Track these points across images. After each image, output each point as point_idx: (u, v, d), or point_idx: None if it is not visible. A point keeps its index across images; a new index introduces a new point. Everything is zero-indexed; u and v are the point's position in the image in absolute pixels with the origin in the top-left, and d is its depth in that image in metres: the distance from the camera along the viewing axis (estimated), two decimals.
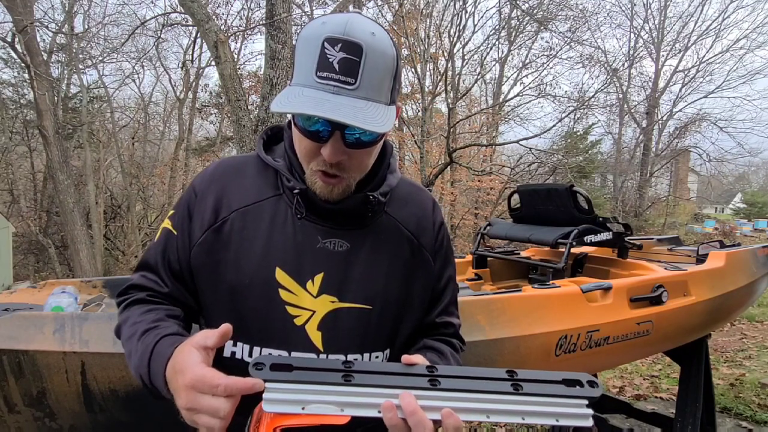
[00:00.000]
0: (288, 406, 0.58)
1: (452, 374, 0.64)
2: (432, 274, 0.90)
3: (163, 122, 18.22)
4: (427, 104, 11.85)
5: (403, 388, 0.61)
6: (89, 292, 2.11)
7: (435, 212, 0.93)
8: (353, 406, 0.59)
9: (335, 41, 0.67)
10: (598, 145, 20.06)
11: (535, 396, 0.62)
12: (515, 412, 0.61)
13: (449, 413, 0.60)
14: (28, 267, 13.55)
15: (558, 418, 0.61)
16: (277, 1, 4.37)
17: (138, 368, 0.72)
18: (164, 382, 0.67)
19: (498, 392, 0.62)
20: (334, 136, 0.71)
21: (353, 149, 0.73)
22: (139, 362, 0.72)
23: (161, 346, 0.70)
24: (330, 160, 0.72)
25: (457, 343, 0.93)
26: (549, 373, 0.65)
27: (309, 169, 0.76)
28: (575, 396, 0.63)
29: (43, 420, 1.38)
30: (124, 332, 0.79)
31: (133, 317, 0.79)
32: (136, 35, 11.50)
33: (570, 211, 2.65)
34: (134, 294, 0.84)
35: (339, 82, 0.67)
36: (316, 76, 0.68)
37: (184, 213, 0.84)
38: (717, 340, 5.95)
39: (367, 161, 0.78)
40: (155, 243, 0.85)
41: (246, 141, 4.55)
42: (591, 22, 14.99)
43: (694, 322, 2.32)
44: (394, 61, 0.72)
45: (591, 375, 0.66)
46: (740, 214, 28.30)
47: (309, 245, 0.79)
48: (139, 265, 0.87)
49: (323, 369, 0.62)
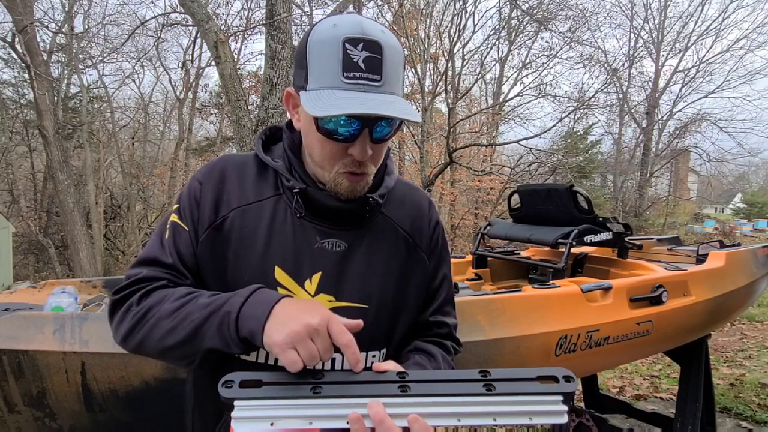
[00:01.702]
0: (257, 423, 0.58)
1: (423, 379, 0.64)
2: (427, 273, 0.90)
3: (163, 122, 18.25)
4: (427, 104, 11.85)
5: (373, 397, 0.60)
6: (89, 292, 2.11)
7: (431, 212, 0.94)
8: (322, 419, 0.59)
9: (356, 41, 0.68)
10: (598, 145, 20.09)
11: (508, 395, 0.62)
12: (487, 413, 0.61)
13: (415, 419, 0.60)
14: (28, 267, 13.56)
15: (531, 416, 0.61)
16: (277, 1, 4.37)
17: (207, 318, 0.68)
18: (264, 321, 0.65)
19: (470, 394, 0.62)
20: (362, 135, 0.72)
21: (377, 144, 0.75)
22: (211, 311, 0.69)
23: (267, 292, 0.70)
24: (361, 158, 0.74)
25: (450, 345, 0.93)
26: (523, 370, 0.64)
27: (334, 172, 0.76)
28: (549, 393, 0.62)
29: (43, 420, 1.38)
30: (168, 306, 0.72)
31: (179, 292, 0.74)
32: (136, 35, 11.52)
33: (570, 211, 2.65)
34: (150, 283, 0.77)
35: (367, 80, 0.69)
36: (343, 77, 0.69)
37: (192, 206, 0.82)
38: (717, 340, 5.94)
39: (383, 155, 0.81)
40: (165, 239, 0.80)
41: (246, 141, 4.55)
42: (591, 22, 15.02)
43: (694, 322, 2.32)
44: (402, 53, 0.76)
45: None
46: (740, 214, 28.29)
47: (307, 245, 0.80)
48: (142, 261, 0.80)
49: (292, 383, 0.62)
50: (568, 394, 0.62)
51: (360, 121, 0.71)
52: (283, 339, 0.61)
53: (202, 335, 0.69)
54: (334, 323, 0.63)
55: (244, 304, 0.68)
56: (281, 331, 0.62)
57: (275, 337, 0.62)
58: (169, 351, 0.72)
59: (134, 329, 0.73)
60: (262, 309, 0.66)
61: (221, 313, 0.68)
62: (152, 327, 0.72)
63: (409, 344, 0.90)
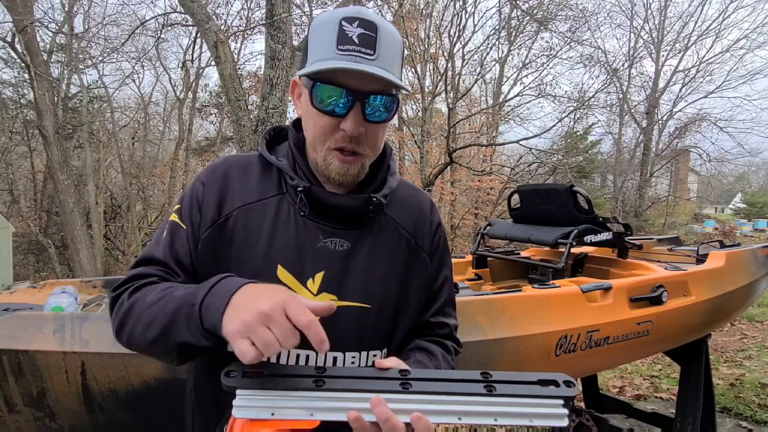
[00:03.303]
0: (258, 412, 0.59)
1: (425, 377, 0.64)
2: (428, 274, 0.91)
3: (163, 122, 18.25)
4: (427, 104, 11.86)
5: (375, 392, 0.61)
6: (89, 292, 2.11)
7: (432, 213, 0.94)
8: (323, 411, 0.60)
9: (352, 19, 0.72)
10: (598, 145, 20.10)
11: (509, 397, 0.62)
12: (488, 413, 0.61)
13: (419, 417, 0.59)
14: (28, 267, 13.56)
15: (532, 418, 0.61)
16: (277, 1, 4.37)
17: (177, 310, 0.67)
18: (223, 311, 0.62)
19: (471, 394, 0.62)
20: (354, 108, 0.74)
21: (370, 123, 0.76)
22: (180, 303, 0.67)
23: (230, 281, 0.67)
24: (351, 132, 0.74)
25: (451, 345, 0.93)
26: (524, 374, 0.65)
27: (325, 148, 0.78)
28: (550, 396, 0.62)
29: (43, 420, 1.38)
30: (149, 298, 0.72)
31: (162, 286, 0.74)
32: (136, 35, 11.53)
33: (570, 211, 2.65)
34: (144, 279, 0.78)
35: (360, 53, 0.72)
36: (337, 50, 0.71)
37: (193, 206, 0.82)
38: (717, 340, 5.94)
39: (381, 139, 0.81)
40: (162, 237, 0.82)
41: (246, 141, 4.55)
42: (591, 22, 15.02)
43: (694, 322, 2.32)
44: (402, 45, 0.78)
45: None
46: (740, 214, 28.29)
47: (310, 244, 0.80)
48: (141, 260, 0.82)
49: (295, 375, 0.62)
50: (569, 398, 0.63)
51: (352, 95, 0.73)
52: (236, 328, 0.59)
53: (174, 329, 0.67)
54: (291, 305, 0.58)
55: (207, 295, 0.66)
56: (234, 320, 0.60)
57: (229, 327, 0.60)
58: (151, 345, 0.71)
59: (123, 324, 0.74)
60: (221, 299, 0.63)
61: (187, 306, 0.67)
62: (136, 321, 0.72)
63: (410, 344, 0.90)
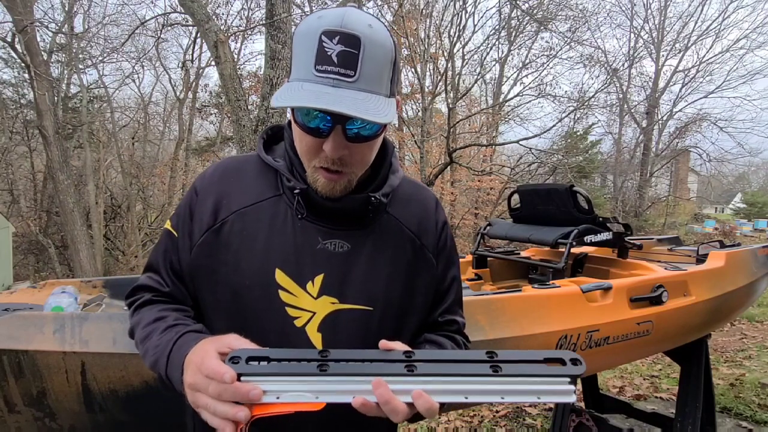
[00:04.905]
0: (263, 397, 0.59)
1: (429, 358, 0.63)
2: (435, 275, 0.88)
3: (163, 122, 18.23)
4: (427, 104, 11.85)
5: (379, 375, 0.60)
6: (89, 292, 2.11)
7: (438, 212, 0.92)
8: (328, 394, 0.60)
9: (333, 34, 0.66)
10: (598, 145, 20.09)
11: (516, 376, 0.61)
12: (494, 391, 0.60)
13: (419, 394, 0.59)
14: (28, 267, 13.54)
15: (539, 395, 0.61)
16: (277, 1, 4.37)
17: (156, 362, 0.73)
18: (181, 372, 0.68)
19: (476, 375, 0.61)
20: (335, 131, 0.70)
21: (354, 143, 0.72)
22: (159, 355, 0.73)
23: (186, 338, 0.72)
24: (332, 155, 0.71)
25: (461, 339, 0.92)
26: (530, 352, 0.64)
27: (311, 166, 0.76)
28: (556, 375, 0.62)
29: (43, 420, 1.38)
30: (138, 334, 0.80)
31: (146, 319, 0.80)
32: (136, 35, 11.51)
33: (570, 211, 2.65)
34: (142, 295, 0.85)
35: (338, 75, 0.67)
36: (315, 70, 0.67)
37: (185, 214, 0.84)
38: (717, 340, 5.94)
39: (369, 156, 0.77)
40: (157, 244, 0.87)
41: (246, 141, 4.54)
42: (591, 22, 15.03)
43: (694, 322, 2.32)
44: (392, 53, 0.72)
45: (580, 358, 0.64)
46: (740, 214, 28.27)
47: (309, 246, 0.79)
48: (145, 266, 0.89)
49: (299, 359, 0.62)
50: (575, 376, 0.62)
51: (332, 117, 0.69)
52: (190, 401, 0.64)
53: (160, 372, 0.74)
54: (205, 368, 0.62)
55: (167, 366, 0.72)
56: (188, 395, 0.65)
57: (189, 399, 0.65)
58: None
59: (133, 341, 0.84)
60: (178, 371, 0.69)
61: (160, 367, 0.73)
62: (136, 345, 0.82)
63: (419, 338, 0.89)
